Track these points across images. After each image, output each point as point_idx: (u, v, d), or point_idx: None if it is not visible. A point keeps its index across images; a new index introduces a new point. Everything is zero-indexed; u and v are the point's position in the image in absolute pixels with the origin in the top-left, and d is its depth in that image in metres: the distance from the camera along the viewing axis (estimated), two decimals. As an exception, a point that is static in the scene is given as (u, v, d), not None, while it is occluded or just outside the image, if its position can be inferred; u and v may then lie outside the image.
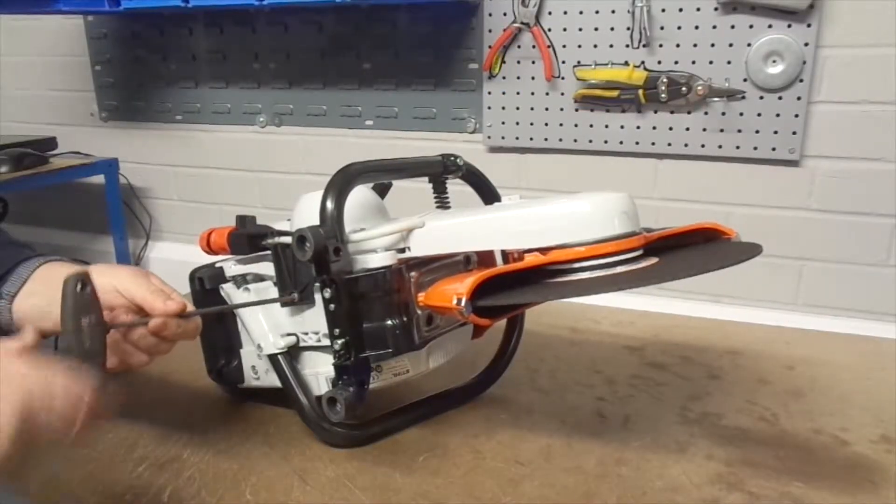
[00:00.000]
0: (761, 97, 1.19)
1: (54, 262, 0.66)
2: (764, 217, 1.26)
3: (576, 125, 1.32)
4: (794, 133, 1.19)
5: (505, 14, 1.30)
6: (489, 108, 1.37)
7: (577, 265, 0.57)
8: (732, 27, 1.17)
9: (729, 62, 1.19)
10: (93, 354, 0.52)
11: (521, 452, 0.67)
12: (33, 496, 0.60)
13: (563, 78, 1.30)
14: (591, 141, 1.32)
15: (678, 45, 1.21)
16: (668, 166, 1.30)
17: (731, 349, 0.92)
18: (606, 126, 1.30)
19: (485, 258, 0.69)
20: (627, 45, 1.24)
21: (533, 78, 1.32)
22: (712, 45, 1.19)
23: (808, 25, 1.13)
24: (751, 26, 1.16)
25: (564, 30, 1.27)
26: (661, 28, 1.21)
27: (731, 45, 1.18)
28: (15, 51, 1.84)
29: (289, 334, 0.68)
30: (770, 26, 1.15)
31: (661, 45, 1.22)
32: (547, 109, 1.33)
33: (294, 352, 0.69)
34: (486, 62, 1.33)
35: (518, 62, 1.32)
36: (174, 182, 1.77)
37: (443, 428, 0.71)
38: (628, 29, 1.23)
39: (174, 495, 0.61)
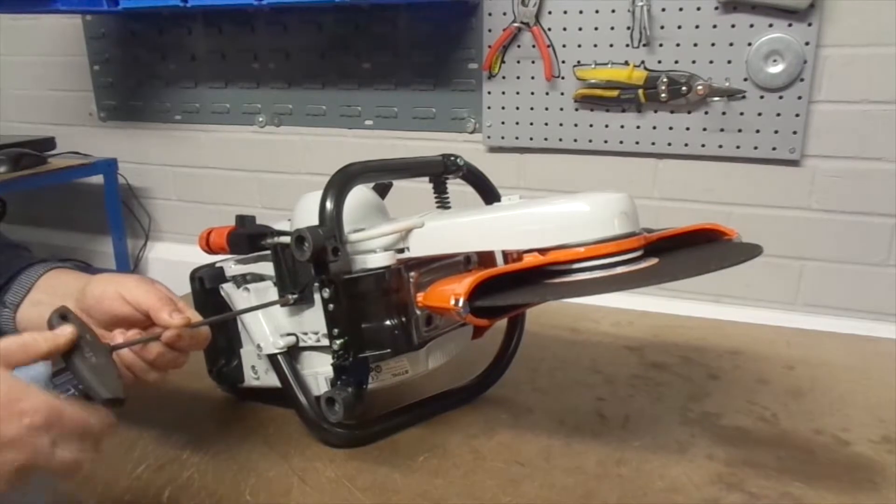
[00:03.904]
0: (762, 97, 1.19)
1: (58, 269, 0.65)
2: (764, 217, 1.25)
3: (576, 125, 1.32)
4: (794, 133, 1.18)
5: (505, 14, 1.30)
6: (489, 108, 1.37)
7: (576, 265, 0.57)
8: (733, 26, 1.17)
9: (729, 62, 1.19)
10: (103, 370, 0.50)
11: (521, 452, 0.67)
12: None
13: (563, 78, 1.29)
14: (591, 141, 1.31)
15: (678, 45, 1.21)
16: (668, 166, 1.29)
17: (731, 349, 0.92)
18: (606, 126, 1.30)
19: (485, 258, 0.69)
20: (627, 45, 1.24)
21: (533, 78, 1.32)
22: (712, 44, 1.19)
23: (809, 25, 1.13)
24: (751, 26, 1.16)
25: (564, 29, 1.27)
26: (662, 28, 1.21)
27: (731, 44, 1.18)
28: (13, 51, 1.84)
29: (288, 334, 0.68)
30: (771, 25, 1.15)
31: (661, 45, 1.22)
32: (547, 109, 1.33)
33: (294, 352, 0.69)
34: (486, 62, 1.33)
35: (518, 62, 1.32)
36: (173, 182, 1.76)
37: (443, 428, 0.71)
38: (628, 29, 1.23)
39: (174, 495, 0.61)
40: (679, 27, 1.20)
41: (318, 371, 0.67)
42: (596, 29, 1.25)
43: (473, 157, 0.77)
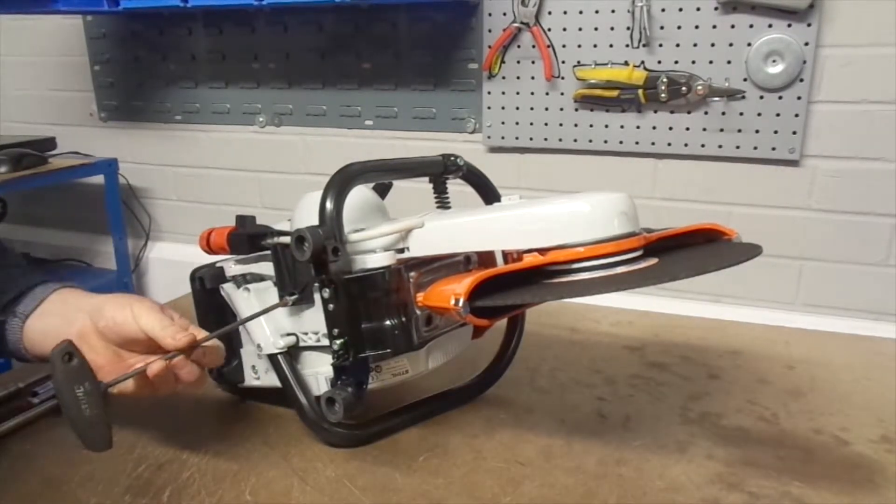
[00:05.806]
0: (761, 97, 1.19)
1: (72, 287, 0.67)
2: (764, 217, 1.26)
3: (576, 125, 1.32)
4: (794, 133, 1.19)
5: (505, 14, 1.30)
6: (489, 108, 1.37)
7: (576, 265, 0.57)
8: (732, 27, 1.17)
9: (729, 62, 1.19)
10: (96, 421, 0.53)
11: (521, 452, 0.67)
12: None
13: (563, 78, 1.30)
14: (591, 141, 1.32)
15: (678, 45, 1.21)
16: (668, 166, 1.30)
17: (731, 349, 0.92)
18: (606, 126, 1.30)
19: (485, 258, 0.69)
20: (627, 45, 1.24)
21: (533, 78, 1.32)
22: (712, 44, 1.19)
23: (809, 25, 1.13)
24: (751, 26, 1.16)
25: (564, 30, 1.27)
26: (661, 28, 1.21)
27: (731, 44, 1.18)
28: (14, 51, 1.84)
29: (288, 334, 0.68)
30: (770, 26, 1.15)
31: (660, 45, 1.22)
32: (547, 109, 1.33)
33: (294, 351, 0.69)
34: (486, 62, 1.33)
35: (518, 62, 1.32)
36: (174, 182, 1.76)
37: (443, 428, 0.71)
38: (628, 29, 1.23)
39: (174, 495, 0.61)
40: (679, 27, 1.20)
41: (319, 371, 0.67)
42: (596, 29, 1.25)
43: (473, 157, 0.77)
